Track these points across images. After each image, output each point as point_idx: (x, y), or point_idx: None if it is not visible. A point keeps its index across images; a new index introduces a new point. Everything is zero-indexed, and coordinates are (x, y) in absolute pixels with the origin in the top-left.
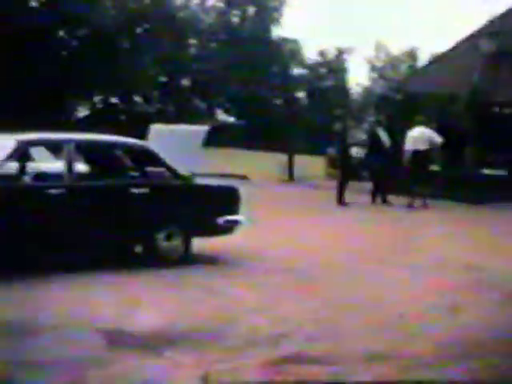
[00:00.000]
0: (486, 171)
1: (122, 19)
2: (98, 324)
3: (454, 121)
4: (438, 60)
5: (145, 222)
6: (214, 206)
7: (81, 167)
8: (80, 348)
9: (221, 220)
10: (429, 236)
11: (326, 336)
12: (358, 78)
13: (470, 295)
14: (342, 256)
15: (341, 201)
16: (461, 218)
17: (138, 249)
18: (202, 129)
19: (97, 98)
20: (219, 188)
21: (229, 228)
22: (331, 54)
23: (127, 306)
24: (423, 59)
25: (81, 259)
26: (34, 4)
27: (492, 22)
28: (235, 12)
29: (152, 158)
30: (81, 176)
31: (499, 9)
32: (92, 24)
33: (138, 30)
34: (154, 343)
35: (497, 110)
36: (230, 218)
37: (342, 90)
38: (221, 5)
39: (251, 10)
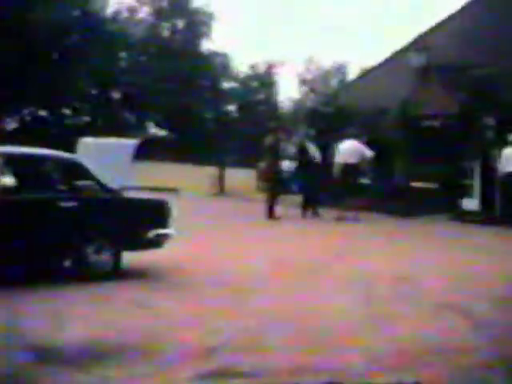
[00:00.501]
0: (417, 184)
1: (52, 31)
2: (25, 339)
3: (384, 134)
4: (368, 74)
5: (74, 236)
6: (143, 220)
7: (9, 180)
8: (7, 364)
9: (151, 234)
10: (358, 248)
11: (254, 349)
12: (289, 92)
13: (399, 307)
14: (272, 269)
15: (271, 214)
16: (391, 231)
17: (68, 263)
18: (132, 142)
19: (26, 111)
20: (149, 201)
21: (159, 241)
22: (262, 67)
23: (56, 321)
24: (353, 73)
25: (9, 273)
26: None
27: (421, 37)
28: (165, 25)
29: (81, 172)
30: (8, 189)
31: (428, 24)
32: (20, 36)
33: (68, 43)
34: (83, 359)
35: (426, 123)
36: (160, 231)
37: (273, 103)
38: (151, 18)
39: (181, 23)
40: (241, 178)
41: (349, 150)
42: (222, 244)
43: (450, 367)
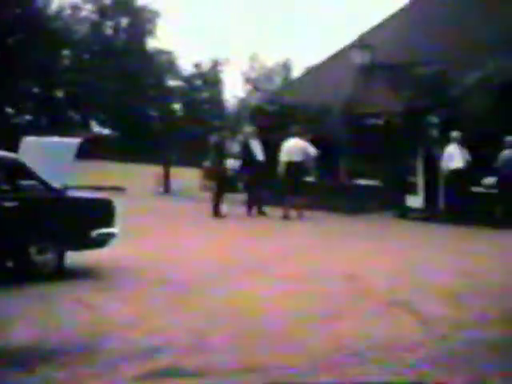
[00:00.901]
0: (361, 181)
1: None
2: None
3: (328, 132)
4: (312, 72)
5: (16, 236)
6: (87, 219)
7: None
8: None
9: (95, 233)
10: (303, 246)
11: (200, 348)
12: (234, 90)
13: (345, 304)
14: (217, 268)
15: (217, 213)
16: (335, 228)
17: (10, 263)
18: (75, 141)
19: None
20: (93, 201)
21: (103, 241)
22: (206, 65)
23: None
24: (297, 71)
25: None
26: None
27: (364, 35)
28: (109, 23)
29: (24, 171)
30: None
31: (371, 22)
32: None
33: (10, 41)
34: (27, 359)
35: (370, 121)
36: (104, 230)
37: (218, 101)
38: (94, 16)
39: (125, 21)
40: (186, 176)
41: (293, 148)
42: (166, 243)
43: (395, 363)
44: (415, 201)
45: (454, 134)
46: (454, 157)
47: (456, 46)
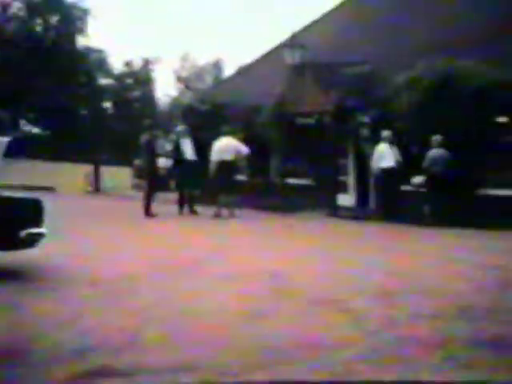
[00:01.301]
0: (292, 180)
1: None
2: None
3: (260, 131)
4: (243, 71)
5: None
6: (15, 219)
7: None
8: None
9: (23, 233)
10: (234, 245)
11: (131, 348)
12: (166, 89)
13: (274, 303)
14: (148, 267)
15: (148, 212)
16: (266, 227)
17: None
18: (3, 140)
19: None
20: (21, 200)
21: (32, 241)
22: (137, 64)
23: None
24: (228, 70)
25: None
26: None
27: (296, 34)
28: (38, 21)
29: None
30: None
31: (303, 22)
32: None
33: None
34: None
35: (301, 120)
36: (33, 230)
37: (150, 100)
38: (23, 13)
39: (55, 18)
40: (117, 175)
41: (225, 147)
42: (97, 242)
43: (325, 361)
44: (346, 200)
45: (385, 133)
46: (384, 156)
47: (387, 46)
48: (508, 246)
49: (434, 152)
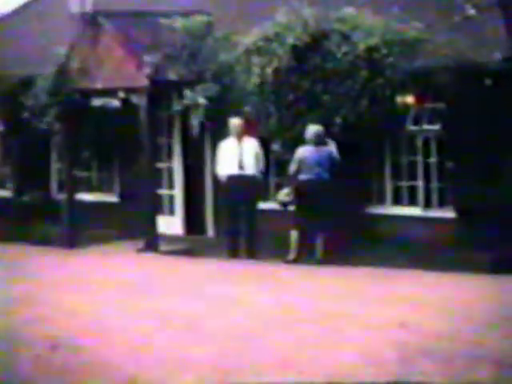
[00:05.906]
0: (84, 196)
1: None
2: None
3: (28, 119)
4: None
5: None
6: None
7: None
8: None
9: None
10: None
11: None
12: None
13: None
14: None
15: None
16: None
17: None
18: None
19: None
20: None
21: None
22: None
23: None
24: None
25: None
26: None
27: None
28: None
29: None
30: None
31: None
32: None
33: None
34: None
35: (96, 101)
36: None
37: None
38: None
39: None
40: None
41: None
42: None
43: None
44: (172, 225)
45: (232, 123)
46: (229, 158)
47: None
48: None
49: (306, 150)
